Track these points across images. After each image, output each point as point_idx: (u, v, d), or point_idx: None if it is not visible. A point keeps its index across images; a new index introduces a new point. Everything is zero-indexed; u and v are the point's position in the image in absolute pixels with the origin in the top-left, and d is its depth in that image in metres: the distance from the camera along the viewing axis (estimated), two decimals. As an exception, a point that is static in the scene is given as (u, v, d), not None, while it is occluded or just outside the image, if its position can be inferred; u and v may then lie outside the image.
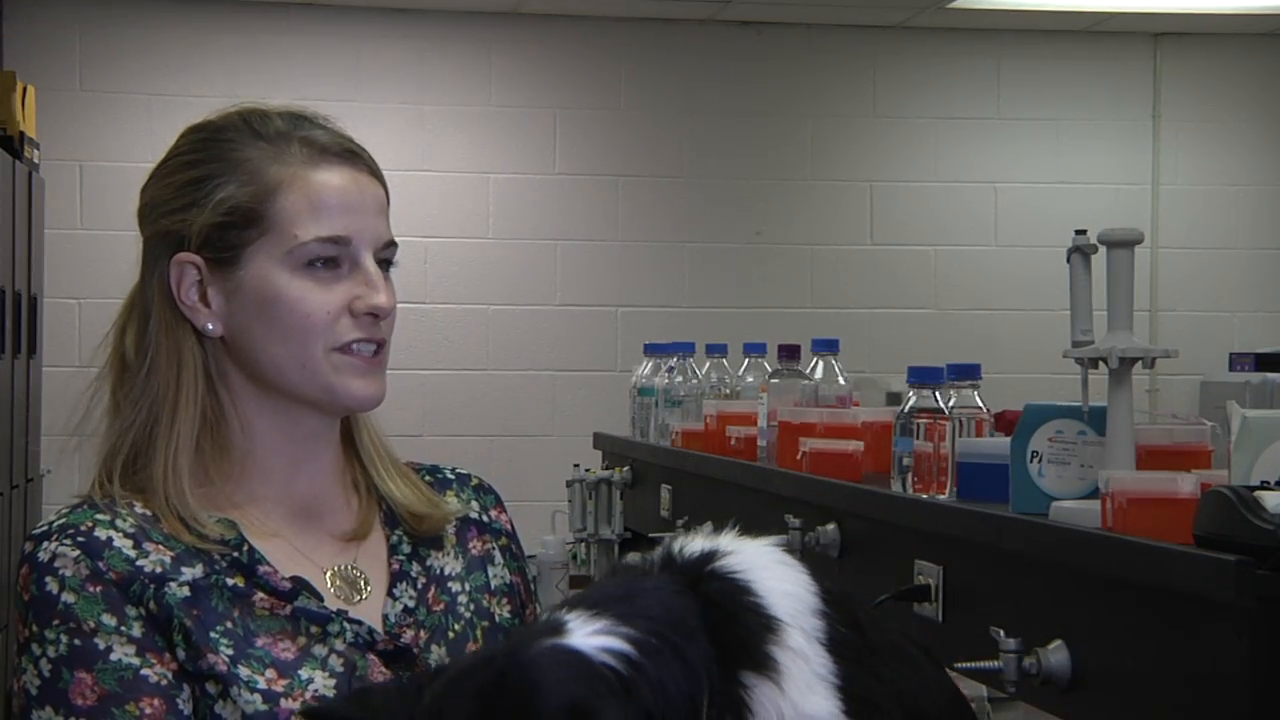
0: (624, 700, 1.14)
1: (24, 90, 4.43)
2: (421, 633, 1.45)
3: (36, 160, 4.73)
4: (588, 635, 1.18)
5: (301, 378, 1.42)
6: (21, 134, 4.37)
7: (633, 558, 1.33)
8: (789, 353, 2.87)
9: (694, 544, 1.29)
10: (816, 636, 1.23)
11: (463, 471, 1.60)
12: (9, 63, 5.36)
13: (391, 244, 1.46)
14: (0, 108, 4.26)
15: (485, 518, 1.57)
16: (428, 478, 1.57)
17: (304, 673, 1.37)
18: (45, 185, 4.96)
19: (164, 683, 1.33)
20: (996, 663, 1.73)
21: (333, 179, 1.43)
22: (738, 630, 1.21)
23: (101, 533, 1.36)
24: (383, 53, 5.75)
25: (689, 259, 5.95)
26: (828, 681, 1.21)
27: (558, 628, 1.20)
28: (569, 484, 3.82)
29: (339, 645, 1.39)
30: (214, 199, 1.41)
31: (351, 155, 1.46)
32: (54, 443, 5.10)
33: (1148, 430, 1.85)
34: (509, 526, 1.59)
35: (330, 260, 1.42)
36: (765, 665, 1.20)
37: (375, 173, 1.48)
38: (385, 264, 1.46)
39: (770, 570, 1.26)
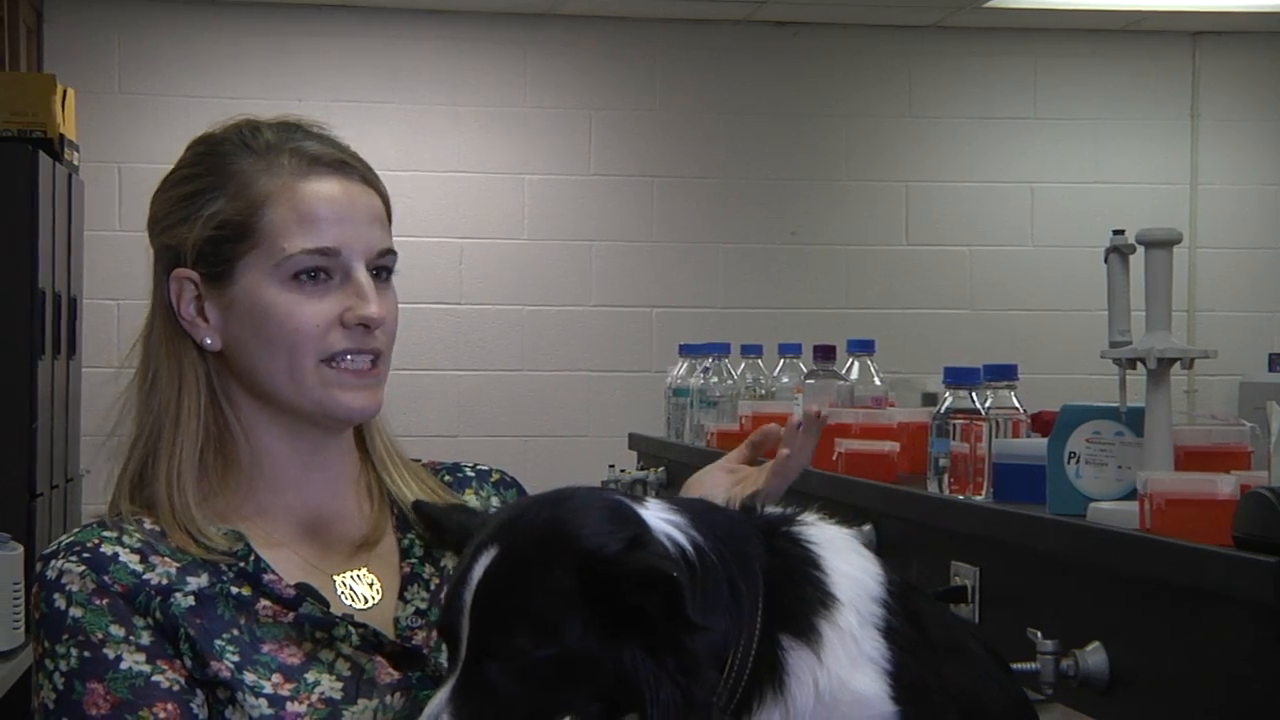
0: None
1: (64, 93, 4.46)
2: (434, 633, 1.44)
3: (76, 162, 4.77)
4: (659, 515, 1.21)
5: (292, 391, 1.42)
6: (61, 136, 4.40)
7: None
8: (824, 353, 2.86)
9: (776, 508, 1.31)
10: (873, 622, 1.23)
11: (483, 467, 1.60)
12: (49, 66, 5.40)
13: (388, 252, 1.45)
14: (41, 111, 4.29)
15: None
16: (447, 476, 1.57)
17: (310, 676, 1.38)
18: (84, 187, 5.00)
19: (176, 688, 1.35)
20: (1034, 664, 1.72)
21: (321, 189, 1.42)
22: (792, 597, 1.22)
23: (108, 548, 1.38)
24: (419, 54, 5.76)
25: (724, 259, 5.95)
26: (878, 665, 1.22)
27: (636, 497, 1.24)
28: (604, 485, 3.82)
29: (345, 649, 1.40)
30: (205, 214, 1.42)
31: (343, 165, 1.44)
32: (93, 443, 5.13)
33: (1186, 431, 1.84)
34: None
35: (320, 271, 1.41)
36: (808, 634, 1.21)
37: (370, 181, 1.46)
38: (384, 272, 1.45)
39: (841, 554, 1.27)
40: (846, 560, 1.26)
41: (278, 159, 1.43)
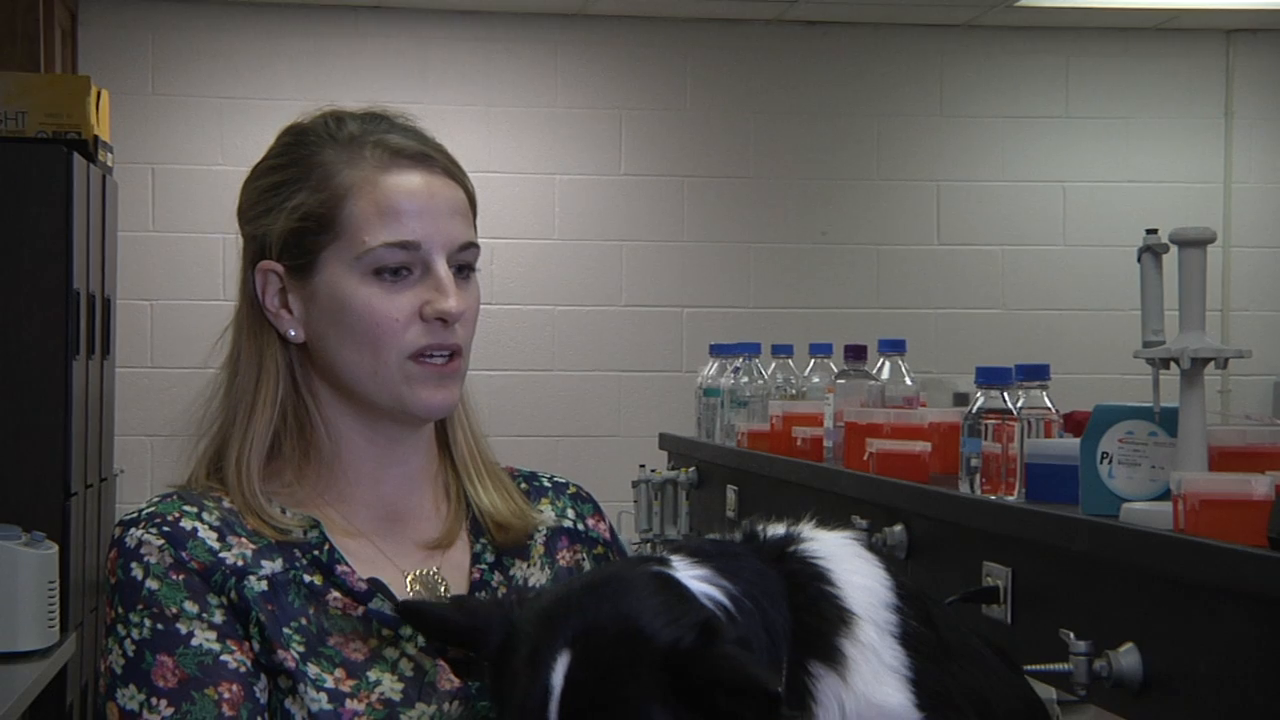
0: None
1: (98, 95, 4.48)
2: None
3: (110, 164, 4.79)
4: (691, 575, 1.21)
5: (373, 385, 1.42)
6: (96, 138, 4.43)
7: (712, 536, 1.35)
8: (855, 353, 2.86)
9: (774, 527, 1.31)
10: (890, 630, 1.24)
11: (560, 480, 1.59)
12: (84, 68, 5.43)
13: (470, 245, 1.46)
14: (75, 112, 4.31)
15: (580, 526, 1.56)
16: (524, 485, 1.56)
17: (373, 674, 1.37)
18: (119, 188, 5.03)
19: (243, 669, 1.36)
20: (1067, 665, 1.72)
21: (403, 182, 1.43)
22: (814, 618, 1.23)
23: (187, 523, 1.39)
24: (450, 55, 5.78)
25: (754, 259, 5.94)
26: (900, 674, 1.22)
27: (663, 560, 1.23)
28: (635, 485, 3.82)
29: (410, 649, 1.39)
30: (289, 205, 1.43)
31: (425, 158, 1.45)
32: (127, 442, 5.16)
33: (1220, 431, 1.83)
34: (608, 535, 1.57)
35: (401, 265, 1.42)
36: (833, 658, 1.21)
37: (453, 174, 1.47)
38: (465, 267, 1.46)
39: (848, 562, 1.27)
40: (854, 569, 1.27)
41: (360, 151, 1.43)
